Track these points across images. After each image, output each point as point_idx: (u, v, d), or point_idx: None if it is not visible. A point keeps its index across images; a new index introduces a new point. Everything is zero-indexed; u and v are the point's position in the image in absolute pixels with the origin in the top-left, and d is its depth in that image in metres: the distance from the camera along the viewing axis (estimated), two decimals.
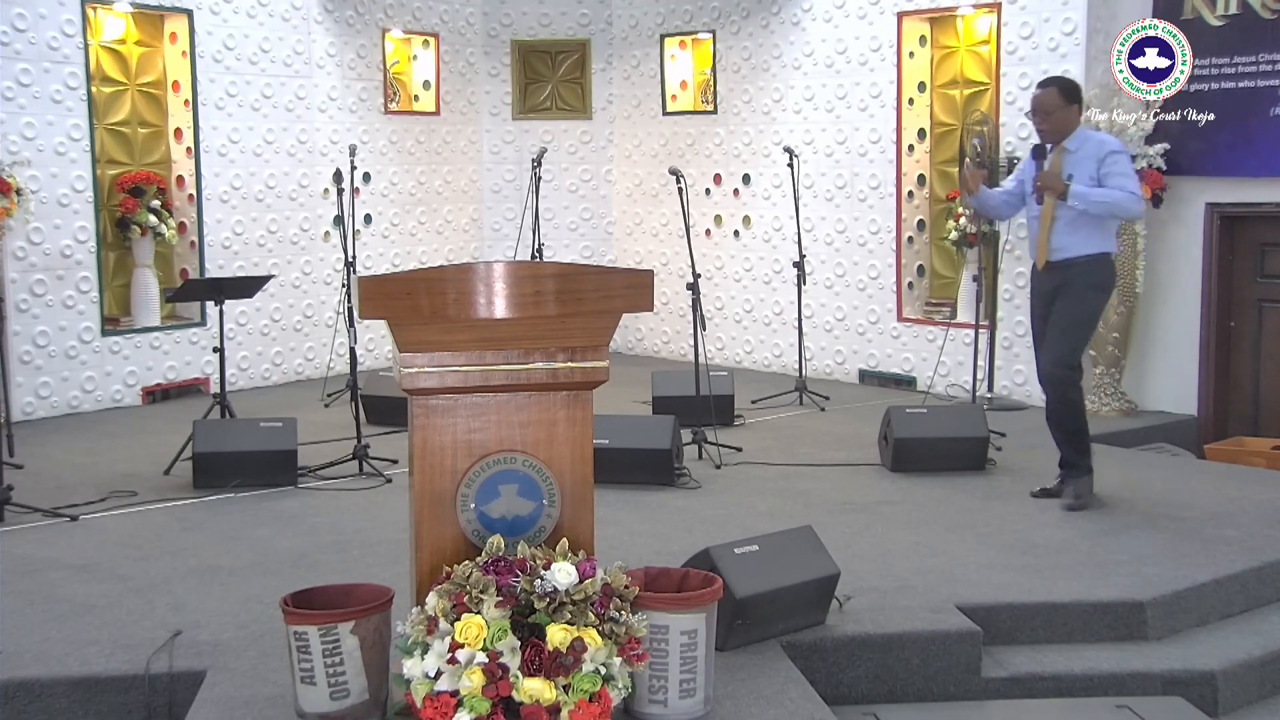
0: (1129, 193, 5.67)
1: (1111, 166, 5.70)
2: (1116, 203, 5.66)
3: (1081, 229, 5.74)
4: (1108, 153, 5.73)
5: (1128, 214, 5.86)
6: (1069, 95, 5.83)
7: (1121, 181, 5.67)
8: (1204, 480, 6.52)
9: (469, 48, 10.79)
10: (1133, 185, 5.70)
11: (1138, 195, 5.72)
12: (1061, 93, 5.82)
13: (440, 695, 3.28)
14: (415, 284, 3.50)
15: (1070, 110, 5.81)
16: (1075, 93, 5.87)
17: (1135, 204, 5.72)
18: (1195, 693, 4.37)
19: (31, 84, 8.12)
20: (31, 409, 8.19)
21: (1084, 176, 5.71)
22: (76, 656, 4.08)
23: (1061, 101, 5.80)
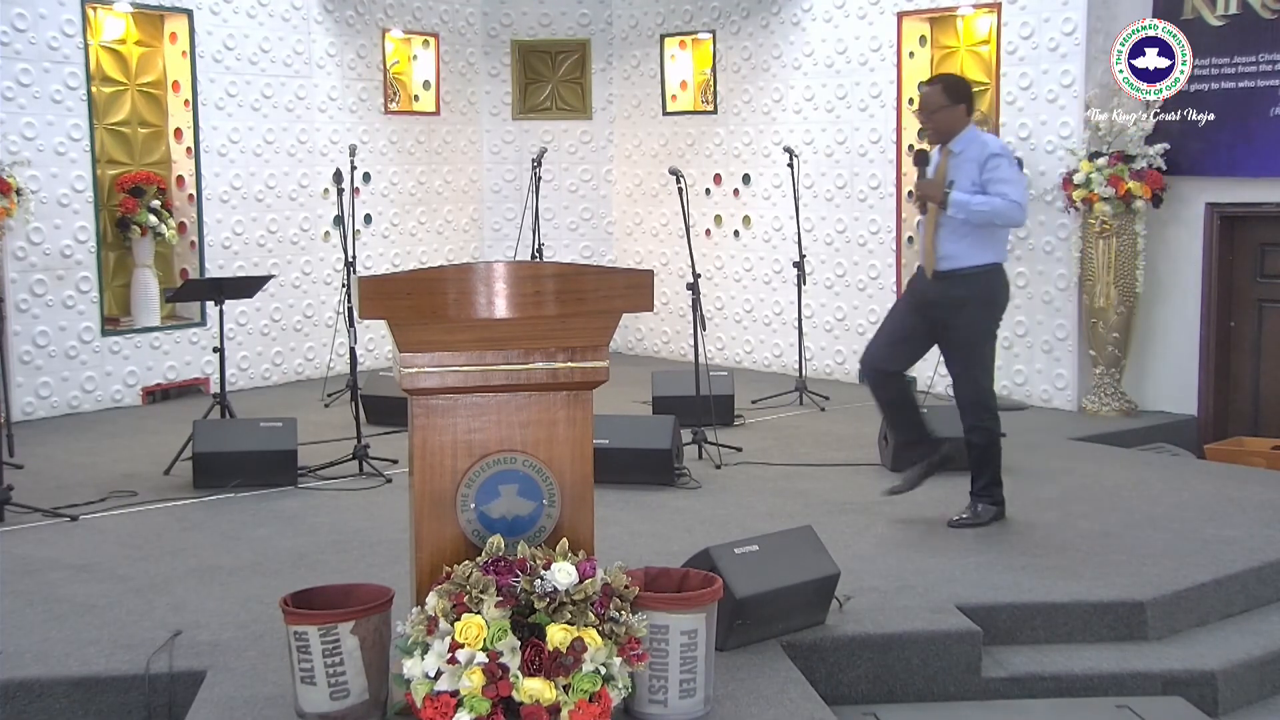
0: (1010, 201, 5.34)
1: (993, 172, 5.38)
2: (996, 211, 5.34)
3: (968, 236, 5.42)
4: (988, 156, 5.41)
5: (1009, 223, 5.47)
6: (954, 94, 5.50)
7: (1002, 189, 5.35)
8: (1204, 480, 6.52)
9: (469, 48, 10.79)
10: (1015, 192, 5.37)
11: (1019, 204, 5.38)
12: (946, 91, 5.51)
13: (440, 695, 3.28)
14: (415, 284, 3.50)
15: (956, 110, 5.48)
16: (961, 91, 5.55)
17: (1017, 213, 5.39)
18: (1195, 693, 4.37)
19: (31, 84, 8.12)
20: (31, 409, 8.19)
21: (966, 181, 5.40)
22: (76, 656, 4.08)
23: (945, 100, 5.48)
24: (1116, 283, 7.97)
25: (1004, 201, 5.33)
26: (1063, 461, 6.89)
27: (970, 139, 5.49)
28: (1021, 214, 5.43)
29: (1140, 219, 7.93)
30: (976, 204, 5.34)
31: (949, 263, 5.47)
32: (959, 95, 5.50)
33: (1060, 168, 8.20)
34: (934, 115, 5.51)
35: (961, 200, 5.35)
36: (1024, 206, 5.42)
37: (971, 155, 5.43)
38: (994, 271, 5.53)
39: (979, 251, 5.44)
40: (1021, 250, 8.50)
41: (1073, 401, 8.33)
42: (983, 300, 5.52)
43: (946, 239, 5.45)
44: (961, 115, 5.50)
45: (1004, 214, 5.36)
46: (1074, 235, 8.19)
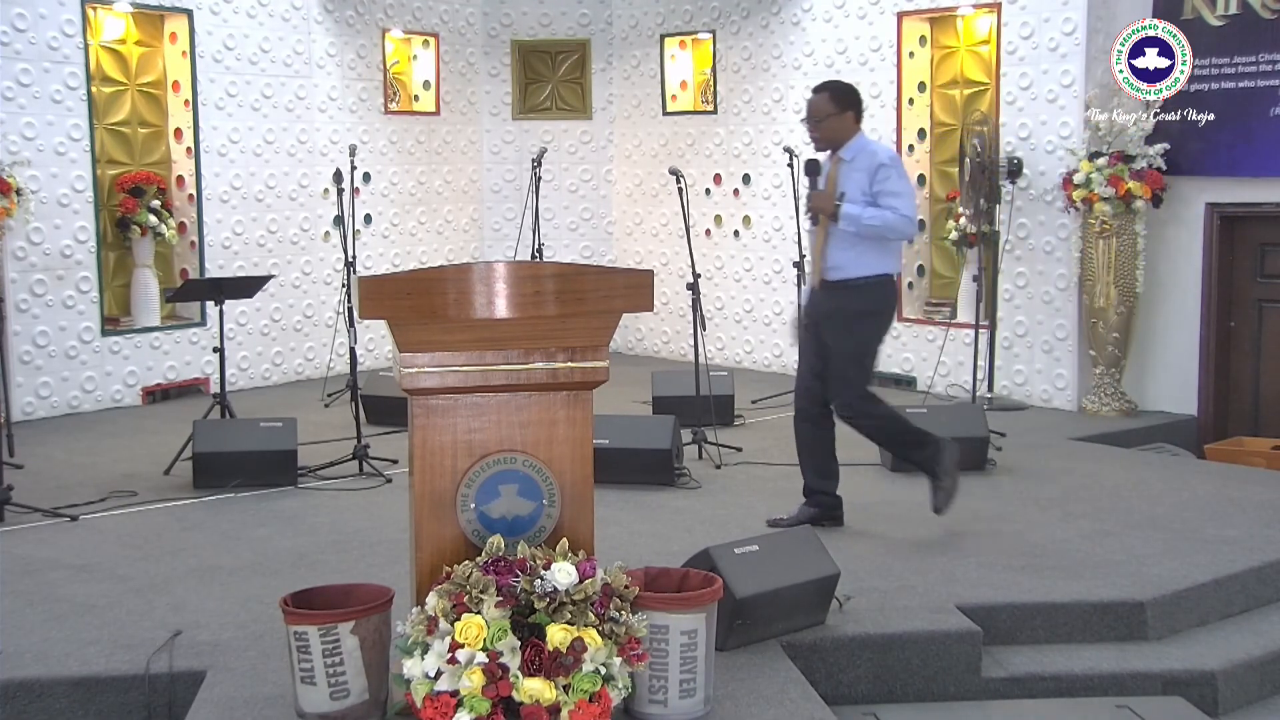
0: (901, 215, 5.25)
1: (883, 183, 5.28)
2: (888, 225, 5.24)
3: (857, 246, 5.32)
4: (878, 166, 5.30)
5: (899, 236, 5.36)
6: (842, 101, 5.40)
7: (892, 201, 5.26)
8: (1204, 480, 6.52)
9: (469, 48, 10.79)
10: (905, 205, 5.28)
11: (909, 217, 5.29)
12: (834, 98, 5.40)
13: (440, 695, 3.28)
14: (415, 284, 3.50)
15: (844, 117, 5.38)
16: (849, 98, 5.44)
17: (907, 226, 5.30)
18: (1195, 693, 4.37)
19: (31, 84, 8.12)
20: (31, 409, 8.19)
21: (856, 191, 5.31)
22: (76, 656, 4.08)
23: (833, 108, 5.38)
24: (1116, 283, 7.97)
25: (895, 215, 5.24)
26: (1063, 461, 6.89)
27: (859, 147, 5.40)
28: (911, 227, 5.34)
29: (1140, 219, 7.93)
30: (868, 218, 5.25)
31: (837, 273, 5.36)
32: (847, 102, 5.41)
33: (1060, 168, 8.20)
34: (821, 123, 5.40)
35: (853, 214, 5.26)
36: (914, 220, 5.34)
37: (861, 164, 5.34)
38: (884, 283, 5.42)
39: (868, 262, 5.34)
40: (1021, 250, 8.50)
41: (1073, 401, 8.33)
42: (870, 312, 5.41)
43: (835, 249, 5.35)
44: (850, 122, 5.41)
45: (895, 227, 5.27)
46: (1074, 235, 8.19)
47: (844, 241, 5.32)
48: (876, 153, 5.40)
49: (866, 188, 5.30)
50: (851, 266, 5.34)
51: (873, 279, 5.37)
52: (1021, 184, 8.42)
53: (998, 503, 6.05)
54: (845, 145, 5.40)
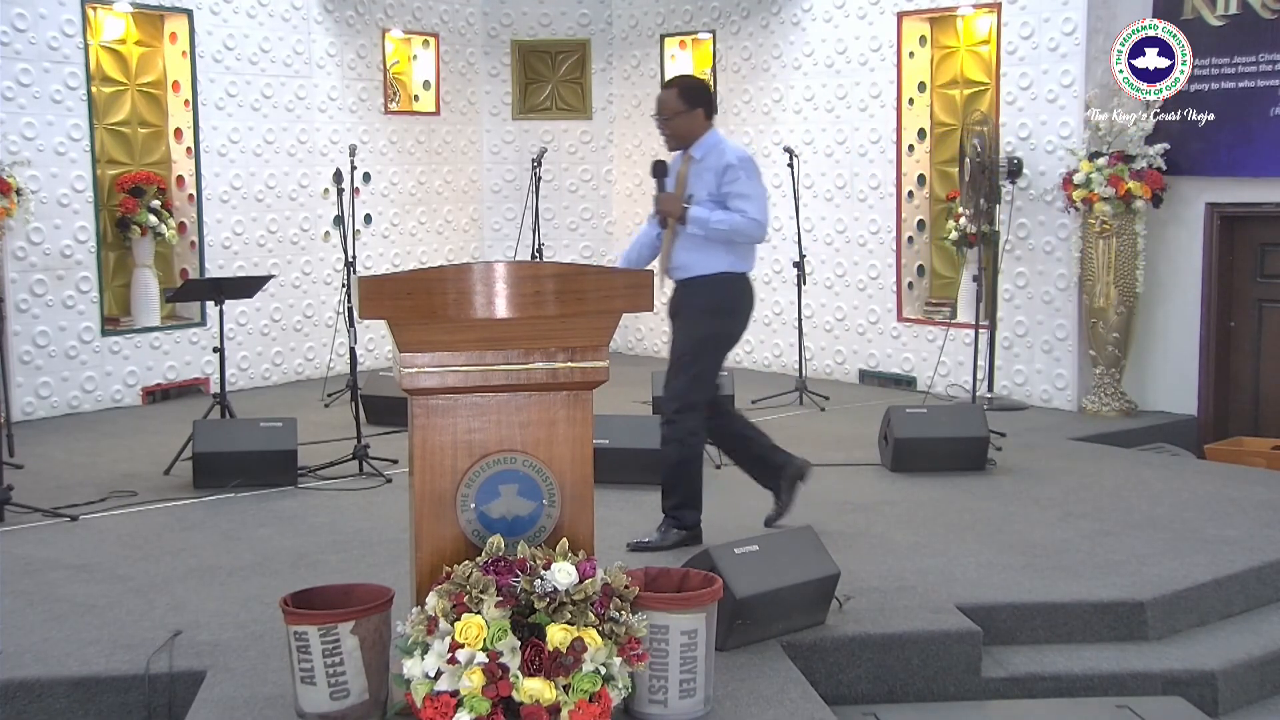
0: (750, 219, 5.09)
1: (731, 185, 5.10)
2: (735, 229, 5.08)
3: (704, 248, 5.15)
4: (725, 166, 5.12)
5: (749, 240, 5.18)
6: (691, 98, 5.21)
7: (740, 204, 5.09)
8: (1204, 480, 6.52)
9: (469, 48, 10.79)
10: (754, 208, 5.10)
11: (759, 220, 5.12)
12: (682, 95, 5.21)
13: (440, 695, 3.28)
14: (415, 284, 3.50)
15: (693, 115, 5.19)
16: (699, 94, 5.25)
17: (756, 230, 5.13)
18: (1195, 693, 4.37)
19: (31, 84, 8.12)
20: (31, 409, 8.19)
21: (704, 191, 5.14)
22: (76, 656, 4.08)
23: (682, 105, 5.19)
24: (1116, 283, 7.97)
25: (743, 219, 5.09)
26: (1063, 461, 6.89)
27: (711, 145, 5.21)
28: (761, 231, 5.17)
29: (1140, 219, 7.93)
30: (715, 221, 5.08)
31: (682, 272, 5.21)
32: (697, 99, 5.22)
33: (1060, 168, 8.20)
34: (670, 121, 5.22)
35: (701, 217, 5.09)
36: (763, 223, 5.16)
37: (711, 164, 5.16)
38: (729, 279, 5.20)
39: (714, 259, 5.15)
40: (1021, 250, 8.50)
41: (1073, 401, 8.33)
42: (707, 308, 5.18)
43: (681, 249, 5.18)
44: (700, 120, 5.21)
45: (743, 231, 5.11)
46: (1074, 235, 8.19)
47: (690, 243, 5.16)
48: (725, 152, 5.18)
49: (714, 188, 5.13)
50: (696, 265, 5.17)
51: (717, 275, 5.16)
52: (1021, 184, 8.42)
53: (998, 503, 6.05)
54: (697, 143, 5.21)
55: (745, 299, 5.31)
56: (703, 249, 5.14)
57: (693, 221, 5.11)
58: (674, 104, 5.21)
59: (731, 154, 5.18)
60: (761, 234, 5.20)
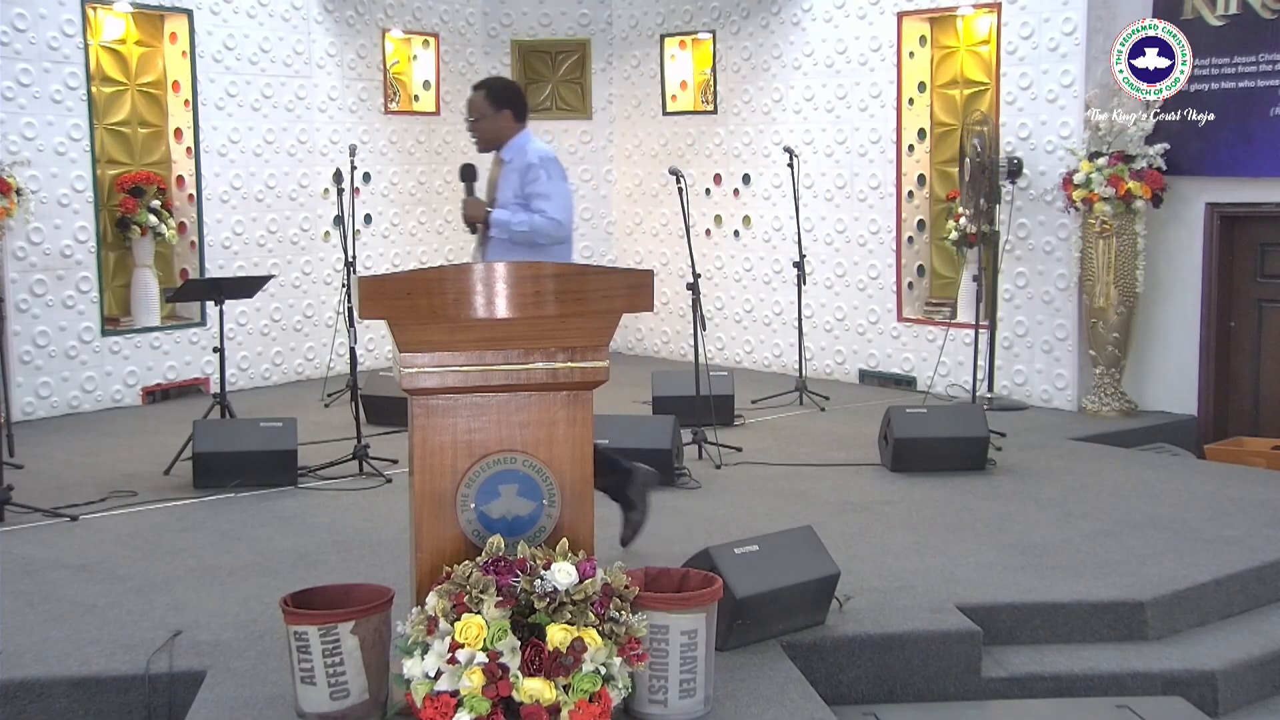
0: (549, 219, 5.04)
1: (532, 185, 5.08)
2: (536, 230, 5.04)
3: (515, 250, 5.10)
4: (527, 166, 5.11)
5: (550, 241, 5.10)
6: (499, 99, 5.19)
7: (541, 204, 5.05)
8: (1204, 480, 6.52)
9: (469, 48, 10.79)
10: (554, 209, 5.06)
11: (558, 220, 5.06)
12: (490, 96, 5.20)
13: (440, 695, 3.28)
14: (415, 284, 3.51)
15: (501, 116, 5.18)
16: (507, 96, 5.23)
17: (555, 229, 5.07)
18: (1195, 693, 4.38)
19: (32, 84, 8.12)
20: (32, 409, 8.19)
21: (510, 193, 5.14)
22: (76, 656, 4.08)
23: (489, 107, 5.18)
24: (1117, 283, 7.97)
25: (543, 219, 5.04)
26: (1063, 461, 6.89)
27: (518, 147, 5.18)
28: (561, 230, 5.10)
29: (1140, 219, 7.93)
30: (517, 223, 5.07)
31: None
32: (504, 100, 5.20)
33: (1060, 168, 8.20)
34: (478, 123, 5.22)
35: (502, 220, 5.09)
36: (563, 222, 5.09)
37: (516, 165, 5.15)
38: None
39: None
40: (1021, 250, 8.50)
41: (1073, 401, 8.33)
42: None
43: (494, 251, 5.16)
44: (508, 121, 5.19)
45: (543, 231, 5.06)
46: (1074, 235, 8.19)
47: (500, 246, 5.13)
48: (528, 152, 5.15)
49: (519, 189, 5.12)
50: None
51: None
52: (1021, 184, 8.42)
53: (998, 503, 6.05)
54: (507, 145, 5.20)
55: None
56: (513, 252, 5.08)
57: (495, 225, 5.10)
58: (481, 106, 5.19)
59: (533, 154, 5.14)
60: (561, 233, 5.11)
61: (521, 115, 5.25)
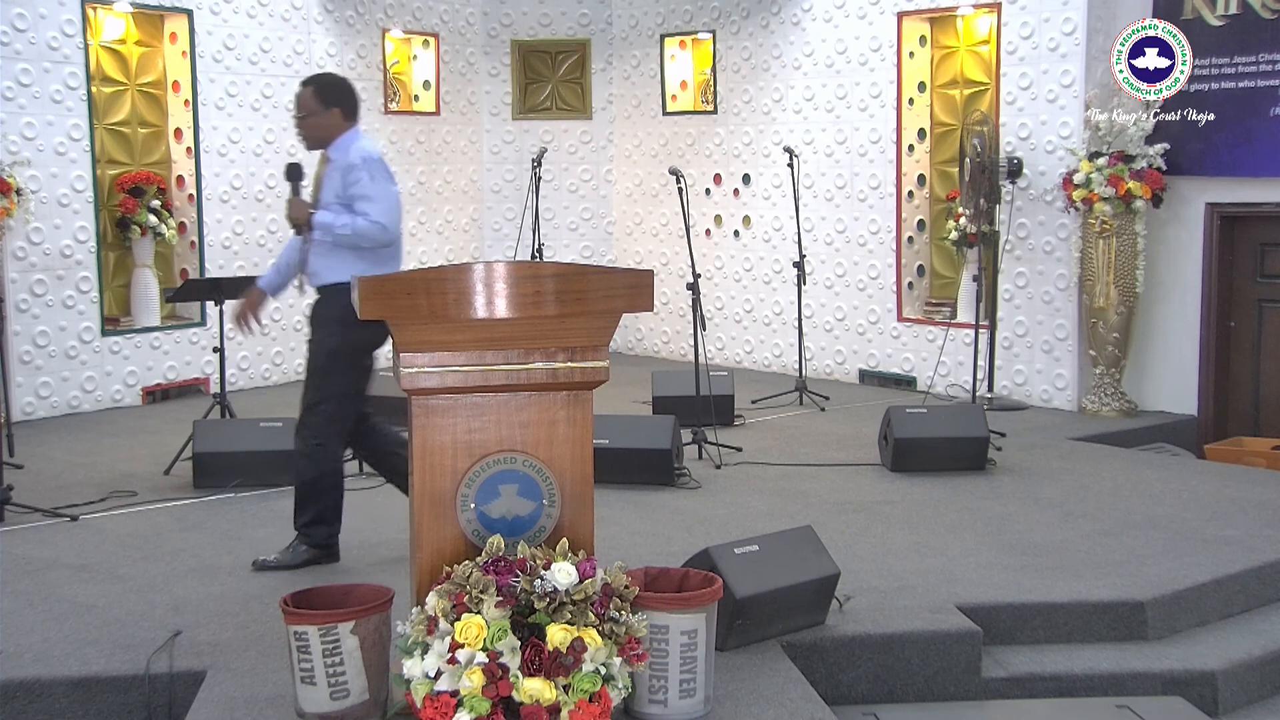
0: (371, 220, 4.88)
1: (354, 186, 4.93)
2: (358, 233, 4.89)
3: (337, 252, 4.96)
4: (349, 167, 4.95)
5: (373, 243, 4.95)
6: (327, 97, 5.04)
7: (363, 206, 4.90)
8: (1204, 480, 6.52)
9: (469, 48, 10.79)
10: (376, 210, 4.90)
11: (381, 223, 4.89)
12: (318, 94, 5.04)
13: (440, 695, 3.28)
14: (415, 284, 3.51)
15: (330, 114, 5.03)
16: (336, 93, 5.08)
17: (378, 232, 4.90)
18: (1195, 693, 4.38)
19: (32, 84, 8.12)
20: (31, 409, 8.19)
21: (332, 194, 5.00)
22: (76, 656, 4.08)
23: (316, 104, 5.02)
24: (1117, 283, 7.97)
25: (366, 222, 4.89)
26: (1062, 462, 6.89)
27: (343, 146, 5.03)
28: (385, 234, 4.93)
29: (1140, 219, 7.93)
30: (339, 226, 4.92)
31: (317, 279, 5.04)
32: (332, 98, 5.05)
33: (1060, 168, 8.20)
34: (305, 120, 5.06)
35: (325, 223, 4.93)
36: (387, 225, 4.92)
37: (339, 165, 5.01)
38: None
39: (346, 266, 4.91)
40: (1021, 250, 8.50)
41: (1073, 401, 8.33)
42: (344, 318, 4.73)
43: (316, 254, 5.01)
44: (336, 120, 5.04)
45: (367, 235, 4.90)
46: (1074, 235, 8.19)
47: (322, 249, 4.99)
48: (350, 152, 5.00)
49: (340, 190, 4.98)
50: (328, 272, 4.98)
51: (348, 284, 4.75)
52: (1021, 184, 8.42)
53: (997, 503, 6.05)
54: (334, 144, 5.06)
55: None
56: (334, 255, 4.96)
57: (318, 227, 4.96)
58: (309, 103, 5.05)
59: (356, 154, 4.99)
60: (386, 236, 4.96)
61: (351, 113, 5.10)
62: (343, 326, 4.89)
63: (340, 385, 5.02)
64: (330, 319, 4.97)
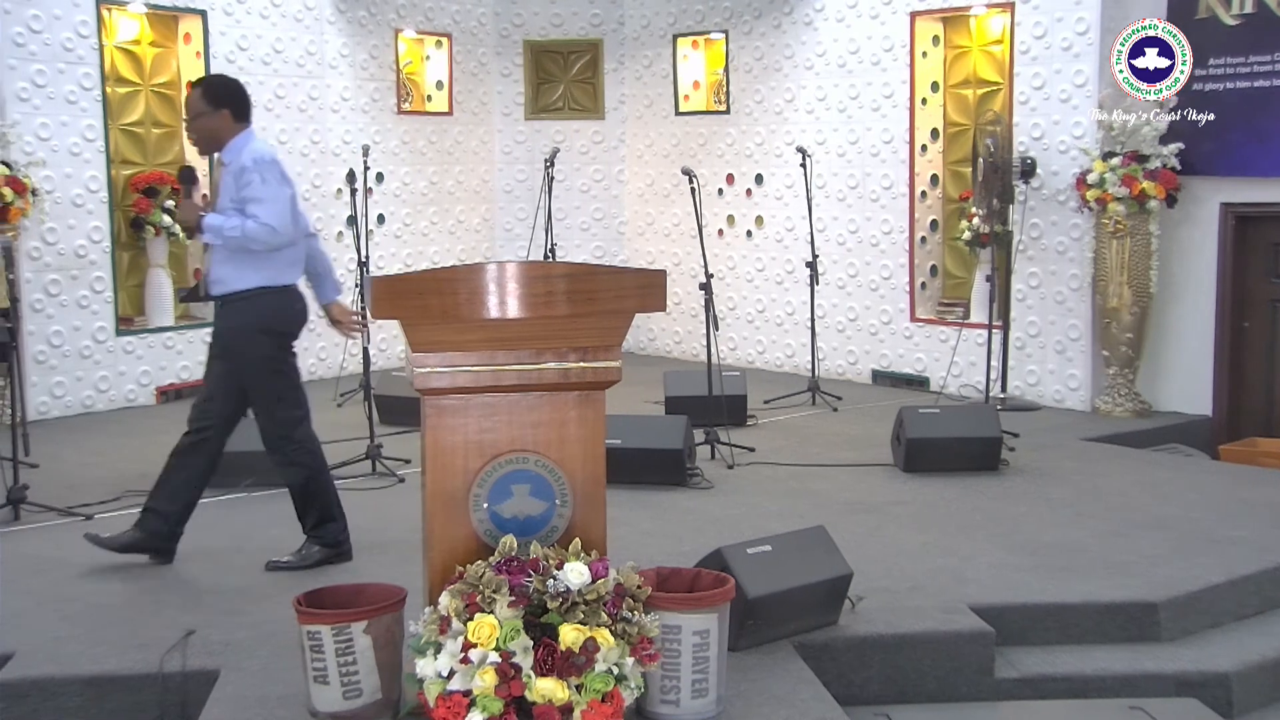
0: (262, 224, 4.79)
1: (245, 189, 4.84)
2: (248, 236, 4.80)
3: (237, 258, 4.88)
4: (240, 169, 4.86)
5: (263, 245, 4.86)
6: (217, 98, 4.94)
7: (254, 209, 4.81)
8: (1217, 481, 6.50)
9: (481, 48, 10.80)
10: (266, 213, 4.81)
11: (271, 225, 4.80)
12: (207, 95, 4.94)
13: (453, 695, 3.28)
14: (427, 284, 3.51)
15: (219, 116, 4.91)
16: (226, 94, 4.97)
17: (270, 236, 4.81)
18: (1209, 694, 4.36)
19: (46, 85, 8.15)
20: (46, 408, 8.22)
21: (226, 197, 4.91)
22: (89, 655, 4.10)
23: (206, 105, 4.91)
24: (1130, 283, 7.95)
25: (255, 224, 4.80)
26: (1075, 462, 6.87)
27: (236, 149, 4.93)
28: (275, 236, 4.84)
29: (1154, 219, 7.91)
30: (228, 230, 4.83)
31: (220, 287, 4.95)
32: (222, 99, 4.95)
33: (1073, 168, 8.18)
34: (194, 122, 4.97)
35: (215, 226, 4.85)
36: (276, 228, 4.83)
37: (232, 168, 4.92)
38: (267, 295, 4.93)
39: (248, 273, 4.89)
40: (1034, 250, 8.48)
41: (1086, 402, 8.31)
42: (255, 328, 4.90)
43: (217, 261, 4.93)
44: (227, 121, 4.93)
45: (257, 237, 4.81)
46: (1087, 235, 8.17)
47: (222, 255, 4.91)
48: (243, 153, 4.91)
49: (234, 193, 4.89)
50: (232, 279, 4.92)
51: (253, 291, 4.92)
52: (1034, 184, 8.40)
53: (1010, 503, 6.04)
54: (227, 147, 4.95)
55: (289, 315, 5.04)
56: (235, 261, 4.90)
57: (207, 230, 4.87)
58: (197, 104, 4.94)
59: (247, 156, 4.90)
60: (275, 239, 4.86)
61: (242, 115, 5.00)
62: (265, 335, 4.94)
63: (281, 388, 5.03)
64: (250, 329, 4.93)
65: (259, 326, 4.95)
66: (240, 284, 4.92)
